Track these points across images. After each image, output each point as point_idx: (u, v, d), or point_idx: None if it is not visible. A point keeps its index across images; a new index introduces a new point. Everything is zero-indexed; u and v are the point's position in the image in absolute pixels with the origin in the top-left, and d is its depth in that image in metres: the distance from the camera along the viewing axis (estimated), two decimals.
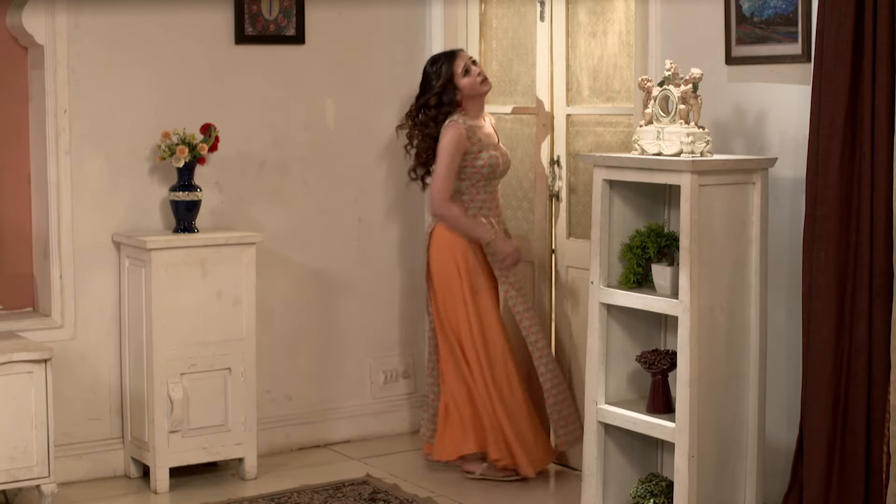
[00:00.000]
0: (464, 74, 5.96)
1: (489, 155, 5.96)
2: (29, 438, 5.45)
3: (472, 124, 5.96)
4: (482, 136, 5.96)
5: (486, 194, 6.02)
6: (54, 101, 5.88)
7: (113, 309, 6.06)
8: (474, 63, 6.00)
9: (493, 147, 5.98)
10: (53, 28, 5.86)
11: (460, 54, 6.01)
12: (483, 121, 6.04)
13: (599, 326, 5.16)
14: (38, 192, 6.01)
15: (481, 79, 5.98)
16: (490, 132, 6.03)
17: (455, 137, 5.91)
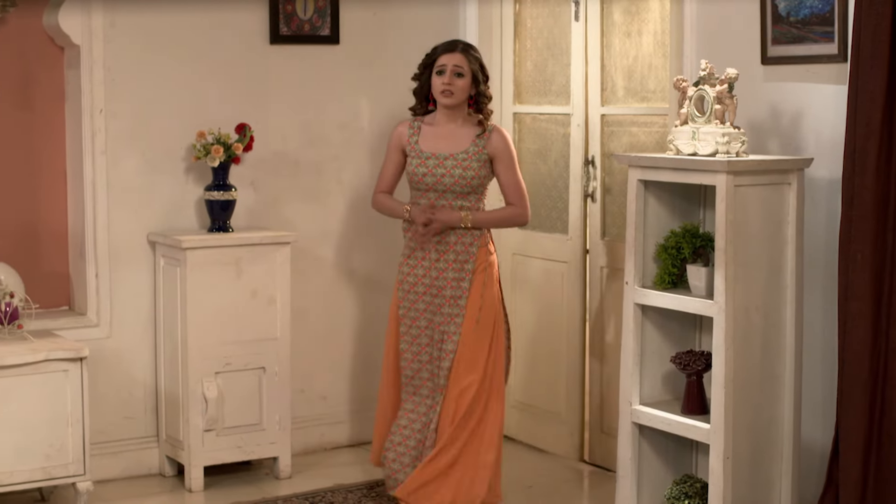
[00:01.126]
0: (437, 73, 5.46)
1: (416, 163, 5.45)
2: (65, 436, 5.48)
3: (425, 126, 5.51)
4: (424, 143, 5.46)
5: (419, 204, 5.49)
6: (90, 100, 5.91)
7: (148, 308, 6.09)
8: (458, 75, 5.40)
9: (430, 159, 5.42)
10: (90, 28, 5.89)
11: (452, 53, 5.44)
12: (446, 129, 5.47)
13: (634, 327, 5.15)
14: (74, 192, 6.04)
15: (443, 88, 5.40)
16: (443, 143, 5.44)
17: (393, 132, 5.60)
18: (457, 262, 5.40)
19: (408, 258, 5.52)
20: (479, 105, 5.49)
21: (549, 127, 6.48)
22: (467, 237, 5.41)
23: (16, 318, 5.60)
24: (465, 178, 5.39)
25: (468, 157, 5.40)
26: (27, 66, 5.95)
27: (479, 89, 5.48)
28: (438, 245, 5.43)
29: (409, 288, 5.50)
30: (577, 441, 6.35)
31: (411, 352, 5.49)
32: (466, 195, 5.42)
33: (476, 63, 5.46)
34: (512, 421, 6.70)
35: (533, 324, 6.55)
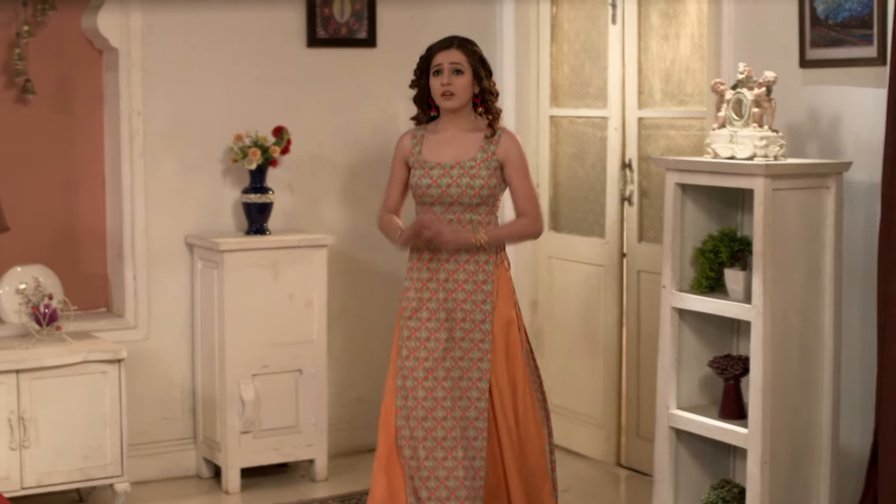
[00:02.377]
0: (435, 74, 4.93)
1: (419, 174, 4.92)
2: (103, 438, 5.51)
3: (429, 135, 4.99)
4: (428, 152, 4.95)
5: None
6: (129, 103, 5.94)
7: (185, 310, 6.11)
8: (457, 73, 4.89)
9: (435, 168, 4.89)
10: (128, 31, 5.92)
11: (448, 50, 4.93)
12: (451, 135, 4.96)
13: (671, 331, 5.13)
14: (112, 194, 6.07)
15: (443, 89, 4.88)
16: (448, 151, 4.93)
17: (397, 144, 5.09)
18: (471, 283, 4.85)
19: (411, 288, 4.91)
20: (487, 103, 4.97)
21: (585, 130, 6.47)
22: (481, 254, 4.86)
23: (55, 320, 5.63)
24: (472, 188, 4.86)
25: (476, 165, 4.88)
26: (66, 69, 5.98)
27: (483, 85, 4.96)
28: (447, 264, 4.86)
29: (414, 316, 4.87)
30: (613, 445, 6.33)
31: (424, 388, 4.82)
32: (476, 207, 4.87)
33: (475, 57, 4.95)
34: None
35: (569, 327, 6.54)
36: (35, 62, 5.85)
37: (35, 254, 5.93)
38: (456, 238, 4.82)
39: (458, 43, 4.96)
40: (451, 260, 4.86)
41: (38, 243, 5.95)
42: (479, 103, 4.98)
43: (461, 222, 4.87)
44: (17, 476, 5.35)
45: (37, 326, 5.62)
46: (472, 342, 4.85)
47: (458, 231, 4.84)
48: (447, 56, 4.92)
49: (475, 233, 4.85)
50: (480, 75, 4.95)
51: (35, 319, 5.61)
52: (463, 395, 4.84)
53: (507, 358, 4.88)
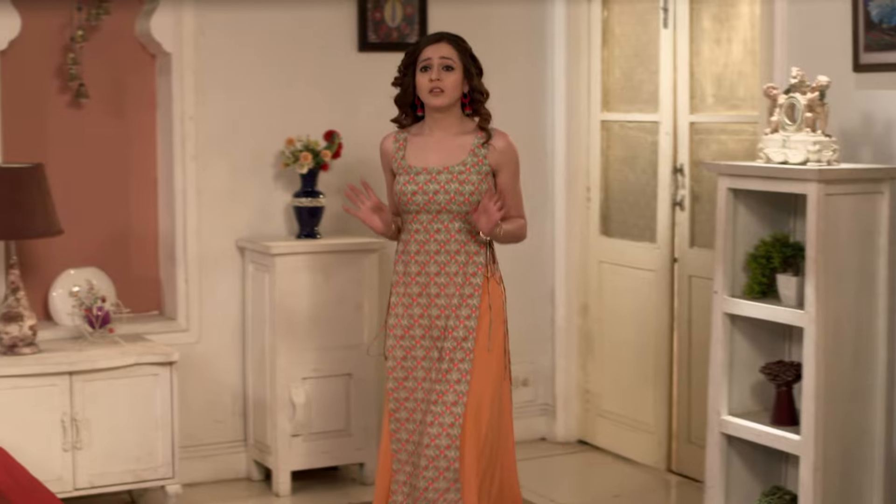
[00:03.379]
0: (422, 70, 4.63)
1: (404, 180, 4.63)
2: (154, 440, 5.54)
3: (412, 137, 4.71)
4: (412, 156, 4.66)
5: (409, 231, 4.69)
6: (181, 107, 5.97)
7: (236, 313, 6.13)
8: (448, 69, 4.60)
9: (421, 174, 4.62)
10: (181, 35, 5.95)
11: (438, 44, 4.65)
12: (437, 138, 4.68)
13: (723, 337, 5.11)
14: (164, 198, 6.10)
15: (432, 86, 4.59)
16: (435, 155, 4.65)
17: (380, 148, 4.81)
18: (458, 297, 4.59)
19: (398, 304, 4.69)
20: (475, 104, 4.70)
21: (636, 135, 6.45)
22: (470, 266, 4.60)
23: (107, 322, 5.67)
24: (461, 195, 4.56)
25: (465, 170, 4.58)
26: (119, 74, 6.03)
27: (473, 84, 4.67)
28: (437, 278, 4.61)
29: (407, 335, 4.66)
30: (664, 451, 6.30)
31: (406, 409, 4.66)
32: (465, 215, 4.59)
33: (466, 54, 4.67)
34: (599, 430, 6.68)
35: (620, 333, 6.52)
36: (89, 66, 5.89)
37: (88, 257, 5.97)
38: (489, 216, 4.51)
39: (449, 38, 4.69)
40: (442, 273, 4.60)
41: (91, 246, 5.99)
42: (466, 104, 4.70)
43: (449, 231, 4.59)
44: (69, 477, 5.39)
45: (90, 329, 5.66)
46: (451, 362, 4.54)
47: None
48: (437, 50, 4.63)
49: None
50: (471, 73, 4.68)
51: (88, 322, 5.65)
52: (434, 421, 4.53)
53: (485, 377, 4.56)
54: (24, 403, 5.30)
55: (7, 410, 5.26)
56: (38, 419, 5.33)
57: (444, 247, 4.62)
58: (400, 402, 4.65)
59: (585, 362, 6.76)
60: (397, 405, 4.66)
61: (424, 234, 4.63)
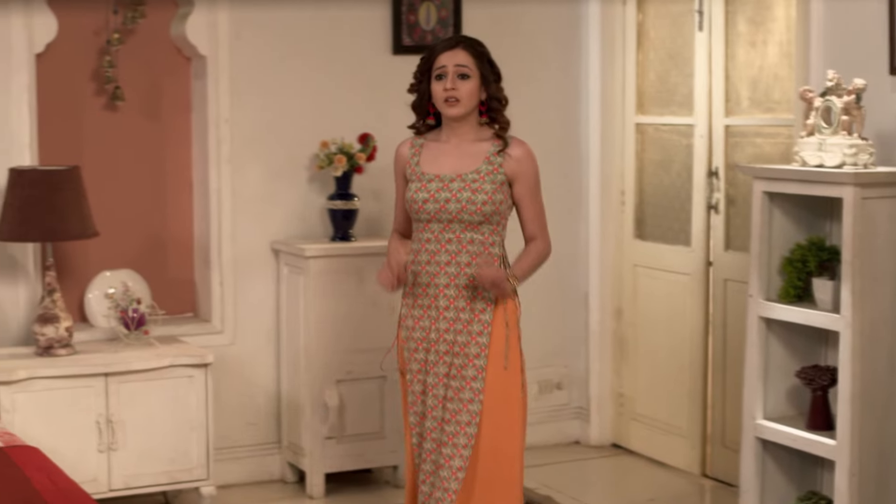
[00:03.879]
0: (437, 78, 4.46)
1: (415, 187, 4.46)
2: (189, 441, 5.56)
3: (429, 143, 4.54)
4: (426, 163, 4.50)
5: (420, 241, 4.50)
6: (216, 110, 5.99)
7: (271, 315, 6.15)
8: (463, 77, 4.41)
9: (433, 181, 4.45)
10: (216, 39, 5.97)
11: (453, 51, 4.45)
12: (452, 145, 4.50)
13: (758, 341, 5.09)
14: (199, 200, 6.12)
15: (447, 95, 4.41)
16: (449, 163, 4.47)
17: (396, 153, 4.67)
18: (468, 312, 4.40)
19: (409, 315, 4.53)
20: (494, 112, 4.50)
21: (671, 138, 6.44)
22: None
23: (142, 324, 5.69)
24: (473, 204, 4.37)
25: (479, 178, 4.39)
26: (154, 76, 6.05)
27: (491, 91, 4.47)
28: (447, 290, 4.41)
29: (420, 347, 4.51)
30: (698, 455, 6.28)
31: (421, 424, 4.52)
32: (478, 226, 4.39)
33: (483, 59, 4.47)
34: (633, 434, 6.67)
35: (654, 336, 6.51)
36: (124, 69, 5.92)
37: (124, 259, 6.00)
38: (494, 276, 4.32)
39: (465, 43, 4.48)
40: (452, 285, 4.40)
41: (126, 248, 6.02)
42: (483, 111, 4.49)
43: (461, 242, 4.40)
44: (104, 478, 5.42)
45: (125, 330, 5.68)
46: (463, 380, 4.38)
47: (497, 270, 4.36)
48: (452, 57, 4.43)
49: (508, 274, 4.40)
50: (488, 80, 4.47)
51: (123, 323, 5.68)
52: (448, 442, 4.38)
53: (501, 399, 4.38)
54: (60, 405, 5.33)
55: (43, 411, 5.29)
56: (74, 420, 5.36)
57: (455, 258, 4.42)
58: (419, 417, 4.51)
59: (619, 366, 6.74)
60: (417, 419, 4.52)
61: (435, 244, 4.44)
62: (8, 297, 5.70)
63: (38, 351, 5.50)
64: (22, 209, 5.38)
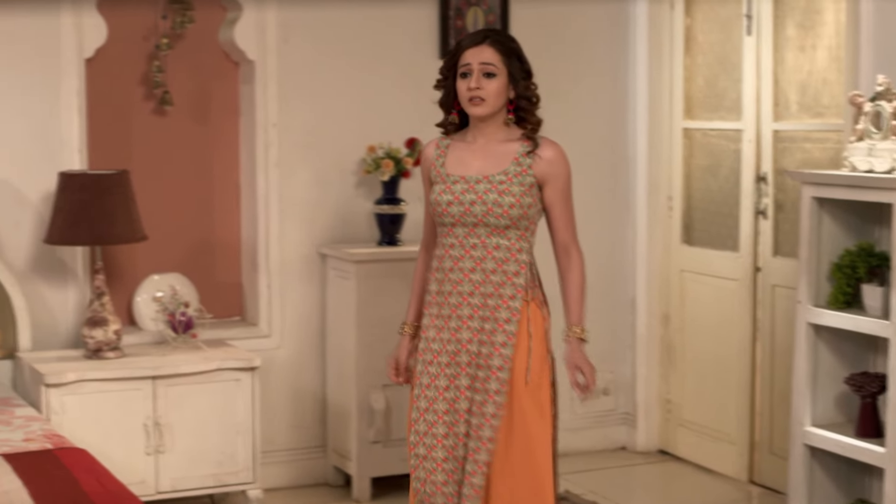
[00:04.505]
0: (462, 76, 4.20)
1: (440, 189, 4.22)
2: (235, 444, 5.58)
3: (455, 144, 4.29)
4: (452, 164, 4.25)
5: (444, 246, 4.25)
6: (264, 114, 6.02)
7: (317, 319, 6.16)
8: (489, 76, 4.16)
9: (458, 183, 4.19)
10: (264, 43, 6.00)
11: (479, 47, 4.18)
12: (479, 145, 4.25)
13: (807, 347, 5.06)
14: (247, 204, 6.15)
15: (471, 94, 4.16)
16: (475, 164, 4.22)
17: (422, 155, 4.43)
18: (492, 322, 4.15)
19: (430, 326, 4.28)
20: (522, 111, 4.25)
21: (719, 143, 6.41)
22: (507, 287, 4.17)
23: (190, 328, 5.72)
24: (500, 206, 4.13)
25: (507, 180, 4.16)
26: (203, 81, 6.08)
27: (520, 90, 4.22)
28: (472, 298, 4.18)
29: (435, 360, 4.24)
30: (746, 462, 6.25)
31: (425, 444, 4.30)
32: (505, 230, 4.16)
33: (512, 56, 4.20)
34: (680, 440, 6.64)
35: (701, 342, 6.48)
36: (173, 74, 5.95)
37: (172, 262, 6.03)
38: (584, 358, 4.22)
39: (492, 39, 4.20)
40: (476, 293, 4.16)
41: (174, 252, 6.05)
42: (512, 110, 4.24)
43: (486, 248, 4.16)
44: (152, 480, 5.44)
45: (173, 334, 5.71)
46: (486, 393, 4.13)
47: (576, 352, 4.21)
48: (477, 55, 4.16)
49: (572, 333, 4.24)
50: (517, 78, 4.21)
51: (171, 327, 5.71)
52: (470, 458, 4.17)
53: (526, 416, 4.15)
54: (109, 407, 5.36)
55: (92, 414, 5.33)
56: (122, 423, 5.39)
57: (479, 264, 4.17)
58: (419, 437, 4.27)
59: (667, 372, 6.72)
60: (417, 439, 4.28)
61: (459, 250, 4.19)
62: (57, 300, 5.74)
63: (87, 354, 5.53)
64: (71, 213, 5.42)
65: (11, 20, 5.58)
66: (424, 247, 4.44)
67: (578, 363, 4.21)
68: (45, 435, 4.76)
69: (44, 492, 4.06)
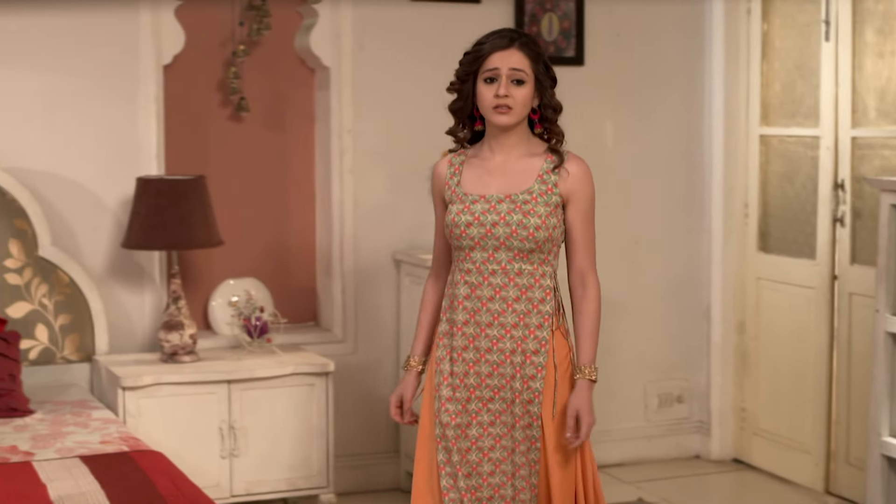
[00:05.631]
0: (486, 82, 3.84)
1: (457, 209, 3.83)
2: (309, 448, 5.60)
3: (470, 160, 3.92)
4: (469, 182, 3.88)
5: (460, 271, 3.86)
6: (339, 120, 6.04)
7: (391, 325, 6.18)
8: (518, 82, 3.80)
9: (478, 202, 3.81)
10: (339, 50, 6.02)
11: (507, 51, 3.82)
12: (499, 160, 3.87)
13: (885, 356, 5.00)
14: (322, 210, 6.18)
15: (498, 102, 3.79)
16: (496, 181, 3.84)
17: (433, 172, 4.06)
18: (520, 354, 3.78)
19: (445, 358, 3.87)
20: (547, 122, 3.92)
21: (796, 149, 6.35)
22: (533, 317, 3.80)
23: (265, 332, 5.75)
24: (525, 228, 3.76)
25: (531, 199, 3.79)
26: (279, 87, 6.12)
27: (545, 99, 3.88)
28: (490, 329, 3.80)
29: (451, 394, 3.85)
30: (821, 472, 6.18)
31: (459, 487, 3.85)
32: (528, 254, 3.79)
33: (540, 61, 3.85)
34: (754, 449, 6.58)
35: (777, 350, 6.42)
36: (249, 80, 6.00)
37: (247, 267, 6.07)
38: (589, 406, 3.78)
39: (521, 42, 3.83)
40: (495, 324, 3.79)
41: (250, 257, 6.09)
42: (537, 120, 3.90)
43: (507, 274, 3.78)
44: (226, 484, 5.48)
45: (248, 338, 5.74)
46: (522, 430, 3.80)
47: (584, 399, 3.77)
48: (506, 59, 3.80)
49: (584, 375, 3.80)
50: (544, 85, 3.87)
51: (246, 331, 5.74)
52: (516, 497, 3.83)
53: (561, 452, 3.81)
54: (184, 411, 5.40)
55: (167, 417, 5.37)
56: (197, 426, 5.43)
57: (499, 293, 3.79)
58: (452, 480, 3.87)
59: (741, 380, 6.67)
60: (450, 483, 3.86)
61: (477, 276, 3.80)
62: (134, 304, 5.80)
63: (163, 357, 5.58)
64: (148, 218, 5.47)
65: (90, 19, 5.64)
66: (434, 274, 4.04)
67: (581, 411, 3.77)
68: (122, 437, 4.81)
69: (120, 494, 4.10)
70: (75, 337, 5.63)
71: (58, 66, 5.63)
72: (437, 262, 4.04)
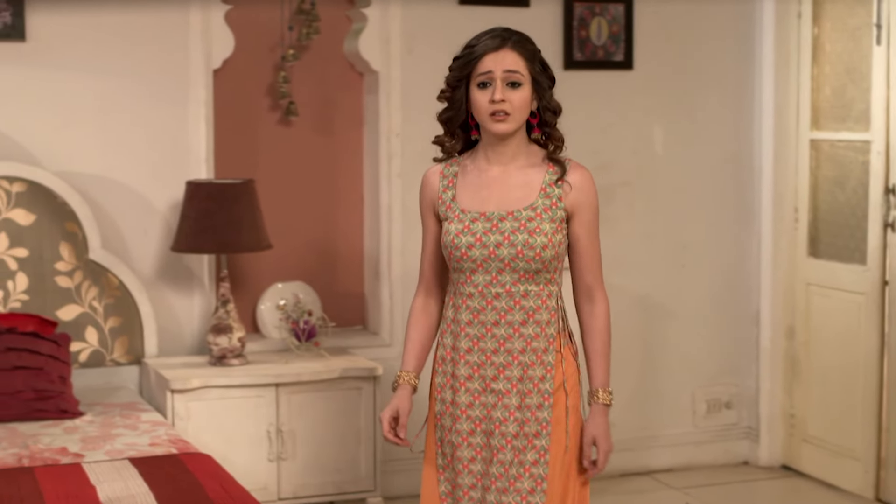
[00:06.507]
0: (479, 87, 3.55)
1: (456, 229, 3.52)
2: (356, 452, 5.61)
3: (466, 171, 3.61)
4: (465, 197, 3.57)
5: (460, 295, 3.57)
6: (387, 124, 6.05)
7: None
8: (514, 85, 3.51)
9: (478, 221, 3.51)
10: (388, 54, 6.03)
11: (501, 52, 3.54)
12: (497, 172, 3.57)
13: None
14: (370, 214, 6.18)
15: (494, 108, 3.50)
16: (495, 196, 3.54)
17: (423, 183, 3.69)
18: (528, 383, 3.51)
19: (446, 386, 3.61)
20: (547, 126, 3.62)
21: (847, 154, 6.31)
22: (540, 340, 3.52)
23: (313, 336, 5.76)
24: (531, 249, 3.47)
25: (536, 216, 3.50)
26: (328, 91, 6.14)
27: (544, 102, 3.59)
28: (495, 356, 3.52)
29: (453, 427, 3.58)
30: (871, 479, 6.13)
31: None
32: (534, 275, 3.50)
33: (536, 61, 3.57)
34: (804, 455, 6.54)
35: (827, 356, 6.38)
36: (298, 84, 6.02)
37: (295, 271, 6.09)
38: (607, 433, 3.57)
39: (514, 41, 3.56)
40: (501, 350, 3.51)
41: (298, 261, 6.11)
42: (536, 125, 3.60)
43: (512, 297, 3.49)
44: (274, 486, 5.50)
45: (296, 342, 5.76)
46: (521, 466, 3.50)
47: (600, 425, 3.55)
48: (499, 61, 3.51)
49: (596, 398, 3.57)
50: (542, 86, 3.58)
51: (294, 335, 5.76)
52: None
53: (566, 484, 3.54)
54: (232, 413, 5.43)
55: (216, 420, 5.39)
56: (245, 429, 5.45)
57: (504, 317, 3.51)
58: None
59: (791, 386, 6.62)
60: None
61: (480, 301, 3.52)
62: (183, 307, 5.82)
63: (212, 360, 5.61)
64: (198, 221, 5.50)
65: (142, 23, 5.68)
66: (424, 292, 3.73)
67: (599, 439, 3.55)
68: (171, 440, 4.84)
69: (169, 496, 4.12)
70: (125, 340, 5.66)
71: (108, 70, 5.66)
72: (426, 280, 3.71)
